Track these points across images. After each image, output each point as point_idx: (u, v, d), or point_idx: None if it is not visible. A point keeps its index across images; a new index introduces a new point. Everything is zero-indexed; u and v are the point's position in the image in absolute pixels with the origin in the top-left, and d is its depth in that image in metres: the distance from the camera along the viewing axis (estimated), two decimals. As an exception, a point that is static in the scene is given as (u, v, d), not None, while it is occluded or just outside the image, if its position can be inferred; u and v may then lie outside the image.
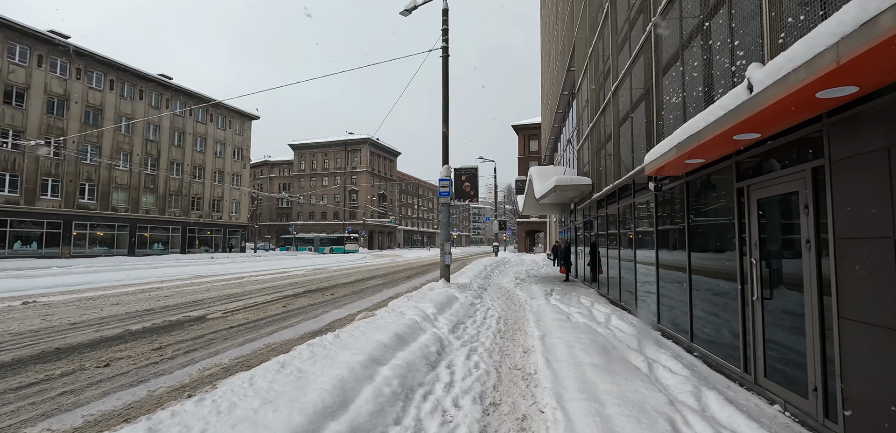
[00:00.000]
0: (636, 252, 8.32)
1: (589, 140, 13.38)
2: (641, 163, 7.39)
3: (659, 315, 6.97)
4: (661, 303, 6.94)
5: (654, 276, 7.05)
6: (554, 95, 23.58)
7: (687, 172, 5.61)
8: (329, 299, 11.97)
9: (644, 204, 8.15)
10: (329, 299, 11.97)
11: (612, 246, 10.83)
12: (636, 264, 8.29)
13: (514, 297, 11.50)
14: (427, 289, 11.19)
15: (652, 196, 7.35)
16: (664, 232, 6.89)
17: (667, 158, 4.94)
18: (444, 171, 12.49)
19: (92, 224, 33.10)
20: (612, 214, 10.66)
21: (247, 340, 7.03)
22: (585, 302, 9.71)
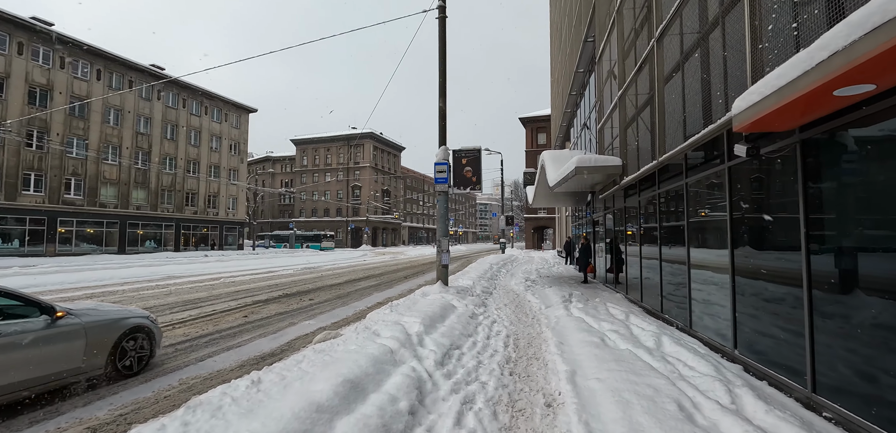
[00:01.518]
0: (690, 250, 6.25)
1: (611, 120, 11.29)
2: (697, 131, 5.34)
3: (736, 338, 4.91)
4: (739, 322, 4.88)
5: (729, 285, 5.00)
6: (566, 77, 21.43)
7: (810, 123, 3.56)
8: (305, 306, 10.05)
9: (699, 186, 6.08)
10: (305, 306, 10.05)
11: (646, 242, 8.76)
12: (690, 267, 6.22)
13: (526, 305, 9.48)
14: (419, 295, 9.22)
15: (717, 173, 5.29)
16: (749, 222, 4.83)
17: (792, 93, 2.91)
18: (440, 154, 10.48)
19: (79, 220, 31.60)
20: (647, 202, 8.60)
21: (143, 382, 4.90)
22: (617, 312, 7.66)
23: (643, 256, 8.83)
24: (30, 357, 3.92)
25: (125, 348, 4.87)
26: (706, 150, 5.84)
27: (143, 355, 5.11)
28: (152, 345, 5.24)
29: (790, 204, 3.99)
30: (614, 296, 10.36)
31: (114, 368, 4.77)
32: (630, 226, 10.17)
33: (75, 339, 4.34)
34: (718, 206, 5.55)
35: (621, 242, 11.61)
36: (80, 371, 4.40)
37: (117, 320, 4.87)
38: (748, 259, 4.77)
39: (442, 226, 10.47)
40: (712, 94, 5.25)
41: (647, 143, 8.27)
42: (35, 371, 3.97)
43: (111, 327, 4.76)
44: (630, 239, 10.20)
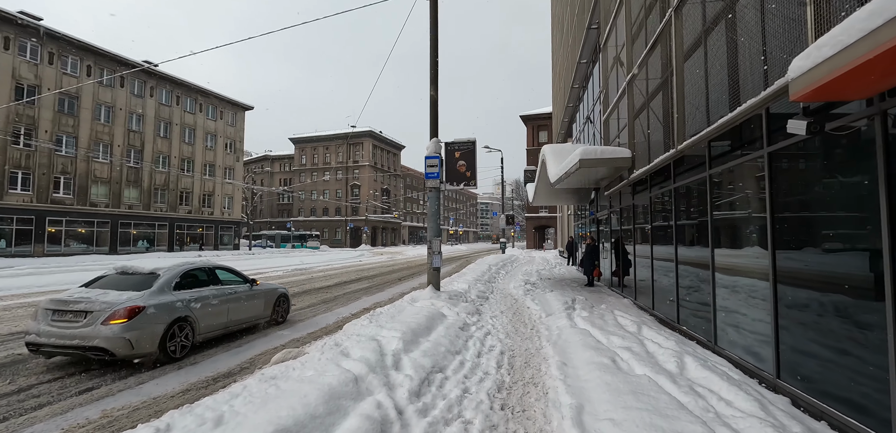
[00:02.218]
0: (714, 253, 5.35)
1: (618, 109, 10.40)
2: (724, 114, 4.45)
3: (778, 362, 4.02)
4: (783, 342, 3.99)
5: (769, 295, 4.11)
6: (569, 70, 20.54)
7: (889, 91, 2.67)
8: (282, 313, 9.16)
9: (725, 178, 5.19)
10: (282, 313, 9.16)
11: (658, 242, 7.87)
12: (715, 272, 5.33)
13: (524, 313, 8.60)
14: (407, 302, 8.36)
15: (752, 161, 4.40)
16: (795, 219, 3.94)
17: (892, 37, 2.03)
18: (431, 146, 9.60)
19: (68, 220, 30.84)
20: (660, 198, 7.70)
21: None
22: (626, 323, 6.77)
23: (655, 258, 7.93)
24: (244, 306, 7.18)
25: (278, 309, 8.16)
26: (736, 136, 4.95)
27: (286, 314, 8.46)
28: (289, 307, 8.61)
29: (860, 195, 3.10)
30: (621, 302, 9.46)
31: (273, 319, 8.01)
32: (639, 226, 9.27)
33: (260, 299, 7.62)
34: (751, 201, 4.65)
35: (627, 243, 10.72)
36: (261, 317, 7.68)
37: (275, 290, 8.19)
38: (795, 263, 3.88)
39: (433, 224, 9.60)
40: (747, 66, 4.36)
41: (659, 134, 7.38)
42: (245, 314, 7.21)
43: (273, 294, 8.04)
44: (639, 239, 9.30)
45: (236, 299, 6.97)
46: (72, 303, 5.28)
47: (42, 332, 5.17)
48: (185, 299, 6.01)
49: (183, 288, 6.16)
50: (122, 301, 5.30)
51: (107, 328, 5.05)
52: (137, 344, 5.20)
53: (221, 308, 6.65)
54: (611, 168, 8.94)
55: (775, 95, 3.59)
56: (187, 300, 6.05)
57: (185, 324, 5.90)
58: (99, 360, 5.30)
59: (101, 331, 5.03)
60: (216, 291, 6.70)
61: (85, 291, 5.65)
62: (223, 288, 6.90)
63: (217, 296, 6.66)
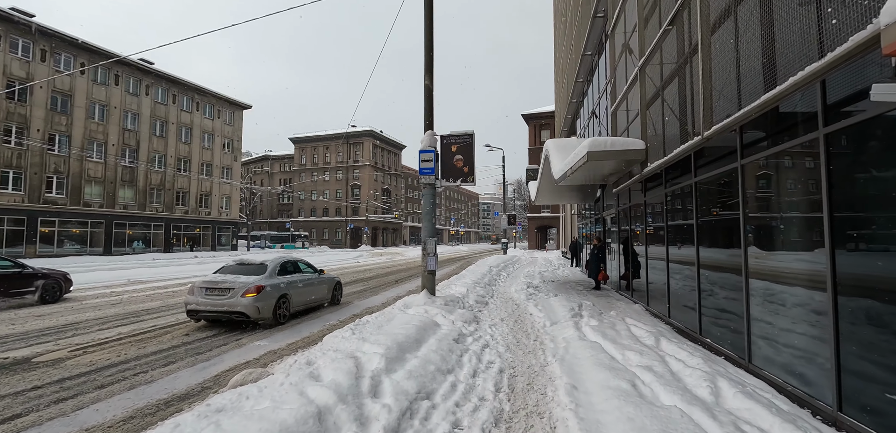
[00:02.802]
0: (747, 255, 4.61)
1: (627, 100, 9.66)
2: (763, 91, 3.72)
3: (839, 392, 3.28)
4: (845, 367, 3.24)
5: (829, 309, 3.36)
6: (572, 64, 19.79)
7: None
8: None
9: (766, 167, 4.45)
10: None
11: (674, 243, 7.12)
12: (748, 277, 4.58)
13: (527, 321, 7.86)
14: (399, 308, 7.65)
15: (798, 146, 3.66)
16: (861, 219, 3.21)
17: None
18: (426, 140, 8.89)
19: (61, 220, 30.26)
20: (677, 195, 6.95)
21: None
22: (642, 333, 6.04)
23: (670, 261, 7.18)
24: (316, 289, 9.20)
25: (336, 294, 10.09)
26: (772, 120, 4.21)
27: (340, 298, 10.37)
28: (342, 293, 10.57)
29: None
30: (632, 308, 8.71)
31: (333, 301, 10.01)
32: (651, 225, 8.53)
33: (325, 284, 9.65)
34: (797, 195, 3.92)
35: (637, 244, 9.98)
36: (324, 298, 9.69)
37: (333, 278, 10.17)
38: (859, 268, 3.14)
39: (428, 224, 8.87)
40: (792, 33, 3.62)
41: (674, 127, 6.64)
42: (314, 295, 9.16)
43: (332, 281, 10.05)
44: (650, 239, 8.55)
45: (311, 284, 9.25)
46: (219, 283, 7.65)
47: (200, 303, 7.56)
48: (284, 282, 8.28)
49: (281, 274, 8.39)
50: (250, 282, 7.62)
51: (245, 299, 7.41)
52: (262, 311, 7.54)
53: (304, 290, 8.93)
54: (621, 162, 8.20)
55: (847, 57, 2.85)
56: (285, 282, 8.32)
57: (286, 300, 8.17)
58: (239, 321, 7.65)
59: (242, 302, 7.40)
60: (300, 277, 8.96)
61: (222, 276, 7.97)
62: (304, 275, 9.16)
63: (301, 281, 8.92)
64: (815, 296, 3.66)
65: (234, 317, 7.50)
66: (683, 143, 6.06)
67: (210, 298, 7.52)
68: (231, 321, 7.73)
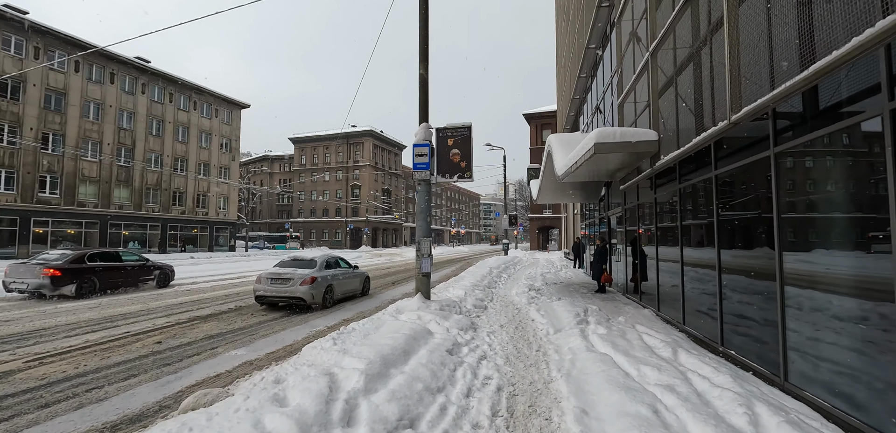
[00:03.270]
0: (782, 259, 4.01)
1: (635, 92, 9.07)
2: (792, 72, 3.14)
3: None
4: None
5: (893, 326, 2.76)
6: (575, 59, 19.21)
7: None
8: (250, 326, 7.90)
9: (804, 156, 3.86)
10: (250, 326, 7.90)
11: (690, 244, 6.52)
12: (783, 284, 3.99)
13: (528, 328, 7.26)
14: (390, 314, 7.07)
15: (849, 127, 3.08)
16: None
17: None
18: (420, 132, 8.31)
19: (55, 220, 29.77)
20: (693, 191, 6.35)
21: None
22: (655, 343, 5.44)
23: (686, 263, 6.58)
24: (351, 282, 10.94)
25: (365, 286, 11.92)
26: (810, 100, 3.62)
27: (368, 289, 12.25)
28: (370, 285, 12.41)
29: None
30: (642, 313, 8.11)
31: (364, 292, 11.74)
32: (663, 225, 7.92)
33: (358, 278, 11.37)
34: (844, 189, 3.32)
35: (647, 244, 9.39)
36: (357, 290, 11.39)
37: (364, 274, 12.11)
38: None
39: (422, 223, 8.29)
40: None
41: (688, 119, 6.05)
42: (350, 286, 10.91)
43: (363, 275, 11.96)
44: (661, 240, 7.95)
45: (348, 277, 11.07)
46: (281, 274, 9.35)
47: (267, 290, 9.32)
48: (329, 274, 10.04)
49: (327, 268, 10.21)
50: (306, 274, 9.32)
51: (302, 287, 9.09)
52: (314, 297, 9.24)
53: (343, 281, 10.70)
54: (629, 155, 7.59)
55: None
56: (331, 275, 10.08)
57: (331, 289, 9.91)
58: (297, 305, 9.32)
59: (300, 289, 9.08)
60: (340, 271, 10.73)
61: (282, 269, 9.66)
62: (343, 270, 10.93)
63: (341, 274, 10.71)
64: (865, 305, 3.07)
65: (293, 302, 9.23)
66: (700, 133, 5.46)
67: (274, 286, 9.30)
68: (290, 306, 9.53)
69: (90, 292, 11.21)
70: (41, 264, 10.80)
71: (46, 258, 11.24)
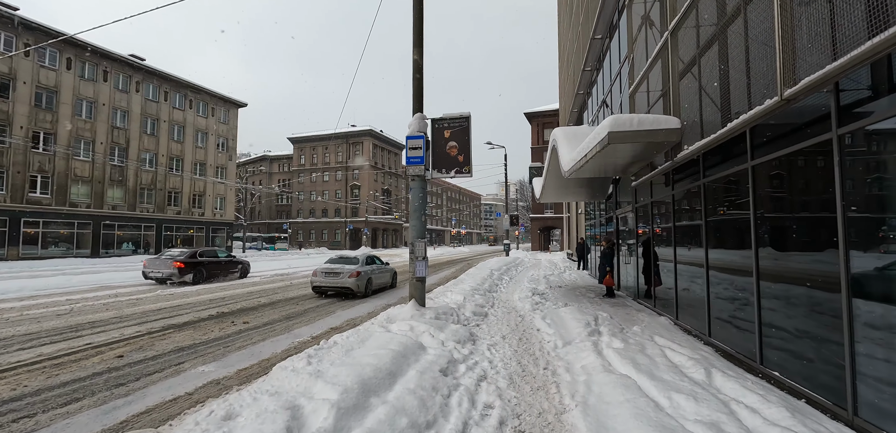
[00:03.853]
0: (848, 267, 3.27)
1: (648, 80, 8.34)
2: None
3: None
4: None
5: None
6: (579, 52, 18.47)
7: None
8: (226, 336, 7.18)
9: (876, 141, 3.13)
10: (226, 336, 7.18)
11: (719, 244, 5.77)
12: (850, 297, 3.24)
13: (533, 339, 6.51)
14: (378, 325, 6.36)
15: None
16: None
17: None
18: (414, 124, 7.58)
19: (45, 221, 29.10)
20: (721, 184, 5.60)
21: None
22: (681, 360, 4.70)
23: (712, 267, 5.83)
24: (384, 276, 13.25)
25: (393, 280, 14.05)
26: (879, 70, 2.88)
27: (396, 283, 14.32)
28: (397, 280, 14.39)
29: None
30: (658, 322, 7.36)
31: (392, 285, 13.79)
32: (683, 223, 7.18)
33: (389, 273, 13.66)
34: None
35: (663, 246, 8.65)
36: (389, 284, 13.60)
37: (393, 270, 14.17)
38: None
39: (416, 223, 7.55)
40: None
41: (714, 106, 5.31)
42: (382, 280, 13.12)
43: (392, 271, 14.06)
44: (680, 241, 7.21)
45: (382, 271, 13.15)
46: (333, 269, 11.55)
47: (322, 282, 11.52)
48: (369, 269, 12.08)
49: (367, 264, 12.17)
50: (352, 269, 11.48)
51: (350, 279, 11.29)
52: (358, 287, 11.38)
53: (378, 275, 12.72)
54: (645, 146, 6.85)
55: None
56: (370, 270, 12.15)
57: (371, 282, 12.05)
58: (345, 294, 11.55)
59: (347, 281, 11.28)
60: (376, 267, 12.72)
61: (332, 265, 11.85)
62: (378, 266, 12.95)
63: (377, 269, 12.74)
64: None
65: (342, 291, 11.50)
66: (732, 119, 4.71)
67: (328, 279, 11.57)
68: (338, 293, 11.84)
69: (199, 280, 14.89)
70: (170, 258, 14.77)
71: (172, 254, 15.22)
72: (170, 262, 14.44)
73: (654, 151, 7.22)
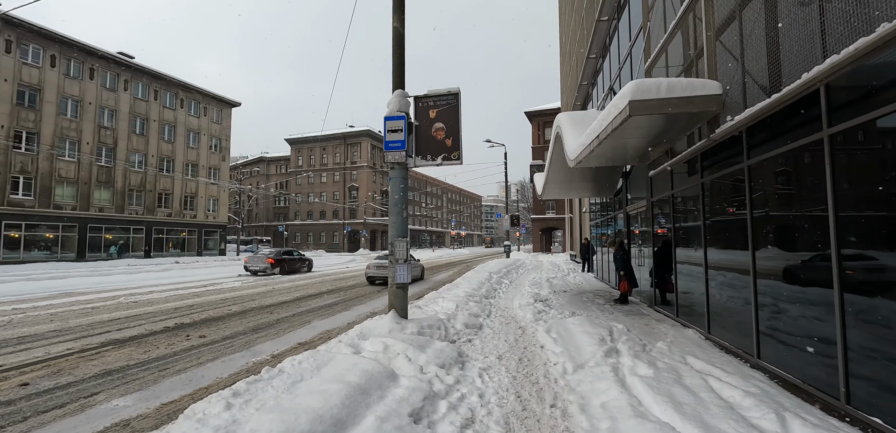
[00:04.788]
0: None
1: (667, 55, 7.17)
2: None
3: None
4: None
5: None
6: (583, 40, 17.30)
7: None
8: (171, 354, 6.03)
9: None
10: (171, 354, 6.03)
11: (770, 241, 4.59)
12: None
13: (537, 360, 5.31)
14: (349, 343, 5.24)
15: None
16: None
17: None
18: (394, 102, 6.41)
19: (28, 223, 28.01)
20: (778, 166, 4.41)
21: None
22: (736, 395, 3.52)
23: (760, 274, 4.63)
24: (416, 268, 16.92)
25: (422, 274, 17.97)
26: None
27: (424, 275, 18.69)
28: (424, 273, 18.80)
29: None
30: (685, 335, 6.17)
31: (420, 277, 17.46)
32: (715, 219, 5.99)
33: (418, 267, 17.39)
34: None
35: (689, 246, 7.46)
36: (419, 276, 17.30)
37: (422, 263, 19.37)
38: None
39: (396, 220, 6.38)
40: None
41: (760, 67, 4.13)
42: (415, 273, 16.30)
43: (421, 265, 18.00)
44: (713, 240, 6.02)
45: (414, 265, 16.26)
46: (382, 263, 15.26)
47: (374, 272, 15.31)
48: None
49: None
50: None
51: None
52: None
53: (414, 268, 15.78)
54: (671, 122, 5.65)
55: None
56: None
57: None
58: None
59: None
60: (413, 262, 15.50)
61: (381, 261, 15.55)
62: (413, 261, 15.45)
63: (414, 264, 15.24)
64: None
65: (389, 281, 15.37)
66: (790, 83, 3.53)
67: (378, 271, 15.06)
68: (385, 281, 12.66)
69: (282, 273, 20.02)
70: (264, 255, 19.99)
71: (264, 253, 20.61)
72: (264, 259, 19.77)
73: (683, 128, 6.00)
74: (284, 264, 20.32)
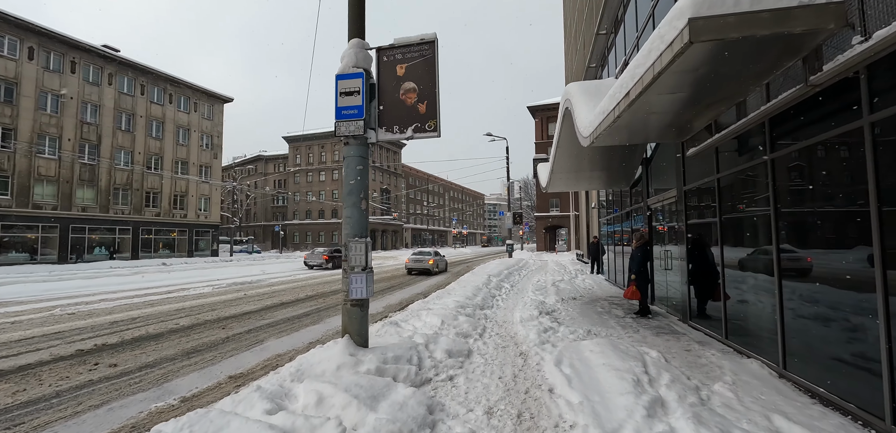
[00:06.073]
0: None
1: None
2: None
3: None
4: None
5: None
6: (591, 16, 15.59)
7: None
8: (94, 380, 4.38)
9: None
10: (94, 380, 4.38)
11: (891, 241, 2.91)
12: None
13: (542, 419, 3.62)
14: (265, 397, 3.65)
15: None
16: None
17: None
18: (349, 55, 4.76)
19: (5, 224, 26.60)
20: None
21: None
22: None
23: (893, 288, 2.95)
24: (442, 262, 21.81)
25: (446, 267, 23.64)
26: None
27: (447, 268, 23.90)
28: (447, 266, 24.61)
29: None
30: (747, 370, 4.49)
31: (444, 270, 22.03)
32: (796, 209, 4.31)
33: (444, 261, 22.32)
34: None
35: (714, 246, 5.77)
36: (441, 269, 21.58)
37: (446, 258, 28.32)
38: None
39: (353, 213, 4.73)
40: None
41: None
42: (442, 265, 21.90)
43: (445, 260, 23.48)
44: (789, 238, 4.33)
45: (441, 259, 21.48)
46: (418, 258, 19.97)
47: (413, 265, 19.76)
48: (437, 257, 20.62)
49: (435, 255, 20.70)
50: (429, 256, 20.02)
51: (429, 263, 19.59)
52: (435, 268, 20.05)
53: (439, 262, 20.72)
54: (740, 61, 3.93)
55: None
56: (437, 258, 20.64)
57: (438, 264, 20.59)
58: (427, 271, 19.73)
59: (427, 264, 19.55)
60: (439, 257, 21.26)
61: (417, 255, 20.28)
62: (440, 257, 21.44)
63: (440, 259, 21.19)
64: None
65: (424, 270, 19.31)
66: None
67: (416, 264, 19.57)
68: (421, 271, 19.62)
69: (335, 267, 23.32)
70: (320, 252, 24.24)
71: (320, 251, 24.46)
72: (321, 256, 23.84)
73: (763, 70, 4.16)
74: (336, 259, 24.18)
